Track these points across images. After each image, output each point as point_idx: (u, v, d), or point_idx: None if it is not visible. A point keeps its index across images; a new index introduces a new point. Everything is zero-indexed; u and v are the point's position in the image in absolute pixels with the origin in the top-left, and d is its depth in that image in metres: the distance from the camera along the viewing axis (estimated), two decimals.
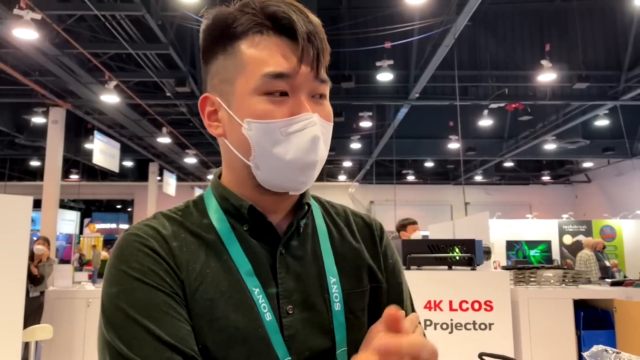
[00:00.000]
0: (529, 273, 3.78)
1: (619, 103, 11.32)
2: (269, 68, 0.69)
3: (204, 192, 0.82)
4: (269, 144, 0.69)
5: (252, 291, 0.69)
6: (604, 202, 18.49)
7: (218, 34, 0.73)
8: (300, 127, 0.69)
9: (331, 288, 0.75)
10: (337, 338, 0.72)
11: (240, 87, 0.70)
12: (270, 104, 0.69)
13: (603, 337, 3.58)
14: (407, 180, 20.86)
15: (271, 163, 0.70)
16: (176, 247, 0.70)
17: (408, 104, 11.53)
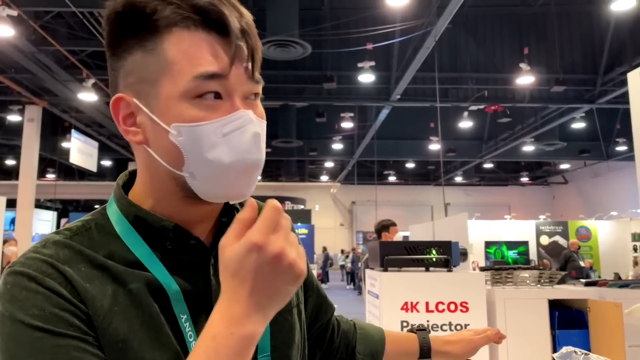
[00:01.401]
0: (505, 274, 3.83)
1: (595, 106, 11.58)
2: (199, 68, 0.60)
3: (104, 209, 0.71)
4: (204, 149, 0.61)
5: (179, 319, 0.64)
6: (580, 203, 18.88)
7: (133, 25, 0.62)
8: (237, 126, 0.62)
9: None
10: (260, 344, 0.69)
11: (165, 90, 0.61)
12: (202, 109, 0.61)
13: (577, 336, 3.64)
14: (388, 180, 21.00)
15: (209, 170, 0.62)
16: (78, 282, 0.60)
17: (389, 105, 11.61)
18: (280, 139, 13.27)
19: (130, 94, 0.64)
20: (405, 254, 2.52)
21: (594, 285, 3.93)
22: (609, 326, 3.40)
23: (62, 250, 0.63)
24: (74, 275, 0.60)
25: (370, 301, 2.99)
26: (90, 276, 0.62)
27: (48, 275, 0.59)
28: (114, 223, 0.67)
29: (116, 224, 0.67)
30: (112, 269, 0.63)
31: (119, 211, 0.68)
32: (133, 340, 0.60)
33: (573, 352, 1.24)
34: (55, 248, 0.63)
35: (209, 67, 0.60)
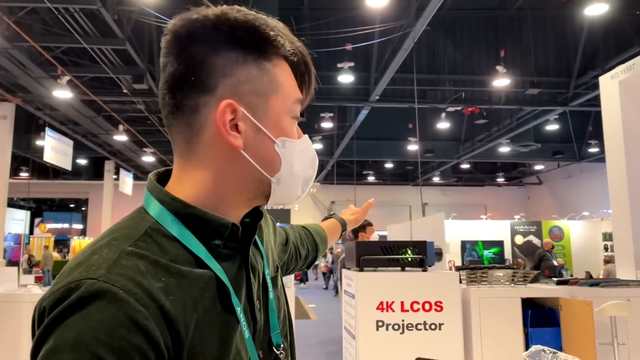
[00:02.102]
0: (480, 273, 3.89)
1: (568, 109, 11.84)
2: (298, 95, 0.75)
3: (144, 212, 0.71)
4: (293, 161, 0.74)
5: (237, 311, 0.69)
6: (553, 203, 19.28)
7: (252, 42, 0.71)
8: (306, 146, 0.77)
9: (267, 279, 0.81)
10: (271, 323, 0.78)
11: (276, 106, 0.72)
12: (294, 126, 0.76)
13: (549, 334, 3.72)
14: (367, 180, 21.12)
15: (291, 179, 0.74)
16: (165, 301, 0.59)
17: (368, 106, 11.67)
18: None
19: (240, 103, 0.69)
20: (381, 254, 2.55)
21: (565, 284, 4.03)
22: (580, 324, 3.49)
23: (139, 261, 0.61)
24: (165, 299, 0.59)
25: (347, 301, 3.01)
26: (171, 287, 0.61)
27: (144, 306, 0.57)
28: (166, 225, 0.68)
29: (170, 225, 0.68)
30: (187, 275, 0.65)
31: (170, 213, 0.69)
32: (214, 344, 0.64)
33: (542, 350, 1.27)
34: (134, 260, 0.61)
35: (299, 95, 0.76)
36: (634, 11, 9.29)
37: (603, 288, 3.72)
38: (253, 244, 0.80)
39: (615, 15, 9.11)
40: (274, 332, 0.78)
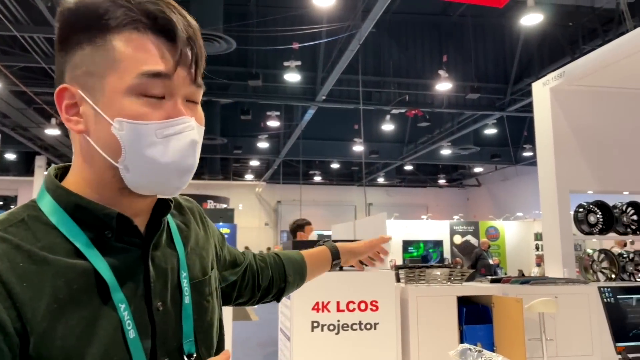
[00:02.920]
0: (419, 272, 3.94)
1: (505, 114, 12.35)
2: (146, 67, 0.65)
3: (33, 201, 0.71)
4: (142, 145, 0.65)
5: (117, 308, 0.65)
6: (490, 204, 20.10)
7: (84, 24, 0.66)
8: (178, 130, 0.67)
9: (182, 282, 0.75)
10: (184, 330, 0.73)
11: (111, 84, 0.65)
12: (145, 105, 0.65)
13: (482, 331, 3.83)
14: (313, 180, 21.15)
15: (143, 165, 0.66)
16: (15, 285, 0.60)
17: (315, 106, 11.68)
18: (204, 136, 12.90)
19: (76, 86, 0.67)
20: None
21: (498, 282, 4.16)
22: (511, 321, 3.61)
23: (1, 245, 0.62)
24: (11, 276, 0.60)
25: (282, 301, 2.96)
26: (28, 274, 0.61)
27: None
28: (47, 213, 0.67)
29: (51, 214, 0.67)
30: (53, 264, 0.63)
31: (54, 201, 0.69)
32: (72, 336, 0.61)
33: (468, 349, 1.27)
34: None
35: (155, 67, 0.65)
36: (566, 23, 9.82)
37: (533, 286, 3.87)
38: (168, 244, 0.76)
39: (550, 26, 9.59)
40: (186, 339, 0.73)
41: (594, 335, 3.75)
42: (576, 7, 9.33)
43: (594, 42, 9.00)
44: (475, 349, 1.29)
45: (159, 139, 0.65)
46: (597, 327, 3.74)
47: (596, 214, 4.33)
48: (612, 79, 4.28)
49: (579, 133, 4.45)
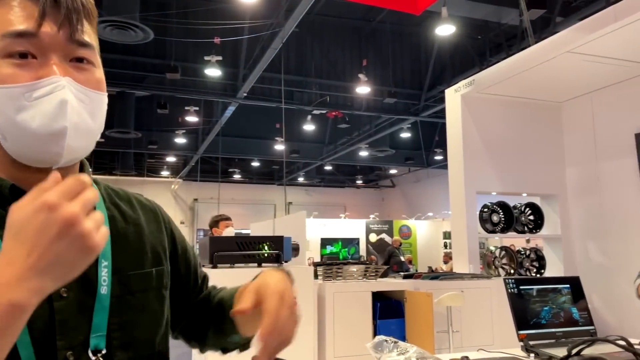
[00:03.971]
0: (336, 268, 4.01)
1: (419, 119, 12.94)
2: (8, 27, 0.62)
3: None
4: (12, 111, 0.61)
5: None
6: (404, 204, 20.98)
7: None
8: (46, 92, 0.62)
9: (100, 271, 0.70)
10: (94, 322, 0.67)
11: None
12: (13, 67, 0.61)
13: (395, 325, 3.98)
14: (233, 178, 20.82)
15: (17, 132, 0.62)
16: None
17: (236, 102, 11.50)
18: (116, 128, 12.22)
19: None
20: (236, 250, 2.48)
21: (411, 278, 4.36)
22: (421, 314, 3.79)
23: None
24: None
25: None
26: None
27: None
28: None
29: None
30: None
31: None
32: None
33: (384, 340, 1.32)
34: None
35: (17, 26, 0.61)
36: (476, 35, 10.49)
37: (441, 281, 4.10)
38: None
39: (461, 38, 10.19)
40: (95, 333, 0.67)
41: (494, 326, 4.04)
42: (485, 22, 10.00)
43: (499, 55, 9.70)
44: (391, 340, 1.34)
45: (29, 102, 0.61)
46: (498, 318, 4.03)
47: (499, 213, 4.66)
48: (516, 89, 4.64)
49: (486, 138, 4.78)
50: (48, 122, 0.62)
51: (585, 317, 1.60)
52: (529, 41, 5.22)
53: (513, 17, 9.34)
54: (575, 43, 3.65)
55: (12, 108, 0.61)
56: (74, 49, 0.66)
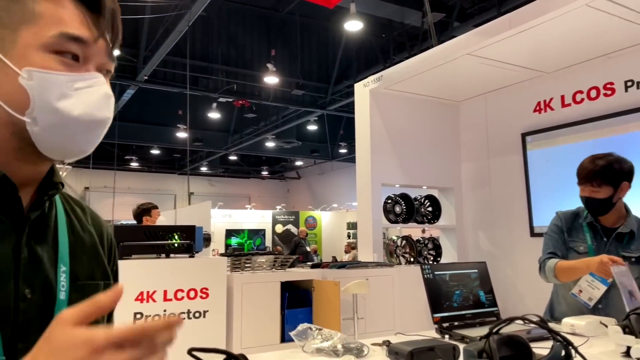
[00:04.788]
0: (244, 259, 3.96)
1: (326, 112, 13.17)
2: (68, 29, 0.65)
3: None
4: (54, 97, 0.63)
5: None
6: (309, 196, 21.29)
7: None
8: (90, 84, 0.66)
9: (59, 276, 0.71)
10: None
11: (26, 38, 0.64)
12: (58, 64, 0.65)
13: (302, 314, 4.02)
14: (130, 166, 19.68)
15: (54, 118, 0.63)
16: None
17: (135, 85, 10.86)
18: None
19: None
20: (144, 240, 2.34)
21: (318, 267, 4.43)
22: (329, 302, 3.87)
23: None
24: None
25: None
26: None
27: None
28: None
29: None
30: None
31: None
32: None
33: (308, 328, 1.32)
34: None
35: (77, 31, 0.66)
36: (380, 34, 10.87)
37: (348, 269, 4.21)
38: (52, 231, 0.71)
39: (367, 35, 10.50)
40: None
41: (395, 311, 4.24)
42: (389, 21, 10.40)
43: (402, 54, 10.15)
44: (315, 327, 1.34)
45: (71, 92, 0.64)
46: (399, 304, 4.24)
47: (401, 205, 4.89)
48: (420, 87, 4.88)
49: (392, 132, 4.98)
50: (92, 112, 0.65)
51: (491, 300, 1.73)
52: (430, 42, 5.53)
53: (415, 18, 9.82)
54: (474, 46, 3.92)
55: (54, 94, 0.63)
56: (107, 61, 0.71)
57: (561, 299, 2.23)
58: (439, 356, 1.20)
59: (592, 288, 2.04)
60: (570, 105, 4.37)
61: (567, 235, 2.22)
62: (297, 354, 1.32)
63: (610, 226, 2.16)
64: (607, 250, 2.09)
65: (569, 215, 2.26)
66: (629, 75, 3.97)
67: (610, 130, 4.06)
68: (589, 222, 2.19)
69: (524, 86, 4.71)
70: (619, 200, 2.12)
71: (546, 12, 3.34)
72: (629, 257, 2.05)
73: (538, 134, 4.60)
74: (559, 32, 3.64)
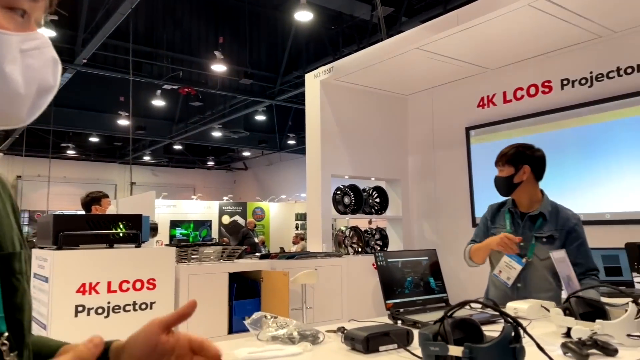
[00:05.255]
0: (191, 250, 3.87)
1: (275, 102, 13.06)
2: None
3: None
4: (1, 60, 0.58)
5: None
6: (257, 187, 21.12)
7: None
8: (37, 45, 0.63)
9: None
10: None
11: None
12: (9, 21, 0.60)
13: (250, 305, 3.99)
14: (66, 154, 18.72)
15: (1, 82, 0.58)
16: None
17: (73, 69, 10.30)
18: None
19: None
20: (87, 229, 2.22)
21: (267, 258, 4.40)
22: (278, 293, 3.86)
23: None
24: None
25: (37, 286, 2.53)
26: None
27: None
28: None
29: None
30: None
31: None
32: None
33: (263, 316, 1.30)
34: None
35: None
36: (330, 26, 10.88)
37: (297, 260, 4.22)
38: None
39: (317, 26, 10.48)
40: None
41: (344, 301, 4.29)
42: (339, 13, 10.42)
43: (351, 47, 10.21)
44: (270, 315, 1.33)
45: (17, 54, 0.60)
46: (347, 293, 4.29)
47: (350, 196, 4.94)
48: (370, 79, 4.93)
49: (342, 124, 5.01)
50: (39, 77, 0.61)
51: (440, 286, 1.78)
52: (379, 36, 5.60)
53: (364, 11, 9.90)
54: (423, 40, 4.00)
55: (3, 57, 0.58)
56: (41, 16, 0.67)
57: (491, 282, 2.41)
58: (393, 340, 1.22)
59: (510, 268, 2.24)
60: (512, 101, 4.56)
61: (490, 223, 2.44)
62: (251, 343, 1.31)
63: (525, 211, 2.34)
64: (522, 232, 2.28)
65: (495, 207, 2.48)
66: (565, 74, 4.19)
67: (548, 126, 4.28)
68: (509, 209, 2.39)
69: (469, 82, 4.87)
70: (521, 181, 2.30)
71: (492, 9, 3.45)
72: (540, 237, 2.25)
73: (481, 128, 4.77)
74: (502, 30, 3.78)
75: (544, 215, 2.27)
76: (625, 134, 3.81)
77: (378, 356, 1.19)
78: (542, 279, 2.20)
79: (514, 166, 2.29)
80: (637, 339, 1.26)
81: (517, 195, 2.34)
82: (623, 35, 3.82)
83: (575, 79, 4.12)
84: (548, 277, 2.20)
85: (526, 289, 2.22)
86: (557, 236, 2.22)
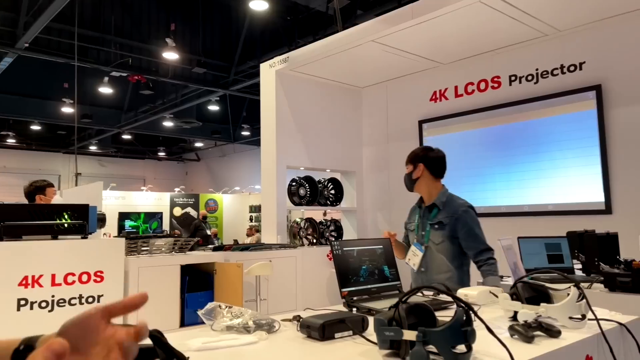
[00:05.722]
0: (141, 242, 3.76)
1: (228, 92, 12.84)
2: None
3: None
4: None
5: None
6: (209, 178, 20.75)
7: None
8: None
9: None
10: None
11: None
12: None
13: (203, 297, 3.93)
14: (6, 143, 17.72)
15: None
16: None
17: (14, 53, 9.72)
18: None
19: None
20: (29, 219, 2.10)
21: (221, 250, 4.34)
22: (231, 285, 3.81)
23: None
24: None
25: None
26: None
27: None
28: None
29: None
30: None
31: None
32: None
33: (217, 306, 1.28)
34: None
35: None
36: (285, 16, 10.78)
37: (252, 252, 4.18)
38: None
39: (272, 16, 10.37)
40: None
41: (298, 292, 4.30)
42: (295, 4, 10.35)
43: (306, 38, 10.17)
44: (224, 305, 1.31)
45: None
46: (302, 284, 4.30)
47: (305, 187, 4.94)
48: (325, 71, 4.92)
49: (297, 115, 4.98)
50: None
51: (394, 274, 1.81)
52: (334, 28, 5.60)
53: (320, 3, 9.87)
54: (378, 33, 4.03)
55: None
56: None
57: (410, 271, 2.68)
58: (349, 327, 1.23)
59: (414, 255, 2.54)
60: (463, 95, 4.69)
61: (407, 220, 2.80)
62: (206, 333, 1.28)
63: (426, 204, 2.65)
64: (422, 222, 2.62)
65: (415, 205, 2.78)
66: (513, 71, 4.34)
67: (496, 120, 4.43)
68: (418, 204, 2.72)
69: (422, 76, 4.96)
70: (418, 178, 2.61)
71: (445, 4, 3.52)
72: (432, 224, 2.55)
73: (433, 122, 4.88)
74: (455, 25, 3.87)
75: (437, 205, 2.56)
76: (568, 129, 4.00)
77: (334, 343, 1.20)
78: (440, 262, 2.48)
79: (413, 165, 2.63)
80: (579, 321, 1.33)
81: (419, 190, 2.64)
82: (567, 34, 4.00)
83: (522, 75, 4.28)
84: (445, 261, 2.48)
85: (428, 272, 2.52)
86: (447, 222, 2.49)
